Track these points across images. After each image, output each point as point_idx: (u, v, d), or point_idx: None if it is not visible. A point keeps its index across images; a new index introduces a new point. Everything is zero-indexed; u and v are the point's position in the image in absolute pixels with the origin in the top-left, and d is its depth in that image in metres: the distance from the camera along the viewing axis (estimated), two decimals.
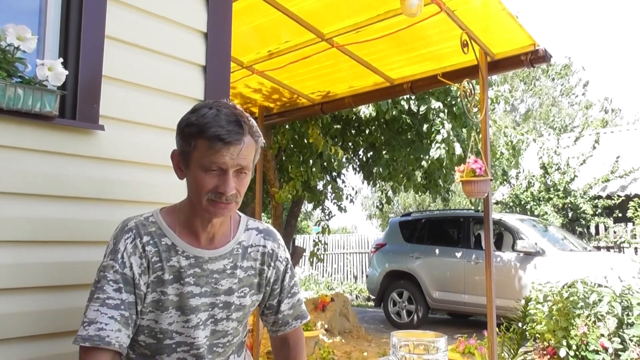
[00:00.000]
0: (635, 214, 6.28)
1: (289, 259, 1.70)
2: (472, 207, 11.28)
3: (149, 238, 1.46)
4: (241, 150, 1.40)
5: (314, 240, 8.09)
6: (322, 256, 7.93)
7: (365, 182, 8.95)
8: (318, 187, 7.92)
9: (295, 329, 1.71)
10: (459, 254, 8.24)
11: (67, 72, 1.69)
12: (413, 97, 6.57)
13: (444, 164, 6.78)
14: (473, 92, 4.13)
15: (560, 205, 11.72)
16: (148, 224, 1.48)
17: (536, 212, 11.70)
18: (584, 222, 11.59)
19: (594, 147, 12.26)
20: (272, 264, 1.63)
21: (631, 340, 4.40)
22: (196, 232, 1.50)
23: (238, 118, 1.42)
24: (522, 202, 12.27)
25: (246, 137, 1.42)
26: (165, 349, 1.48)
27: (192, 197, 1.46)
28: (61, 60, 1.69)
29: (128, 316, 1.40)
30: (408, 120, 7.08)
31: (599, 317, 4.60)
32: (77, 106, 1.79)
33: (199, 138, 1.39)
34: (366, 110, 6.46)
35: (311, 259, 7.78)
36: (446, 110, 6.67)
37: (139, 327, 1.46)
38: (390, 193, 9.43)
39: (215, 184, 1.40)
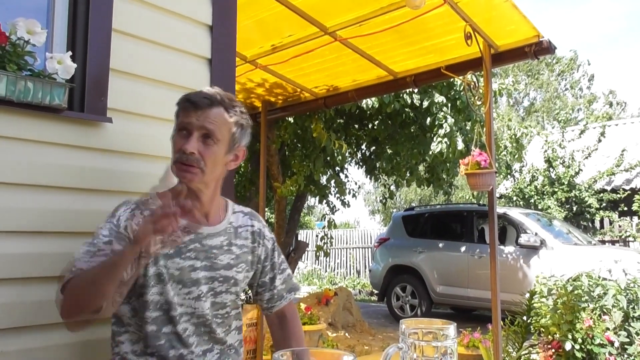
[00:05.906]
0: None
1: (274, 238, 1.79)
2: (475, 200, 11.28)
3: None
4: (208, 115, 1.50)
5: (316, 235, 8.11)
6: (328, 250, 7.95)
7: (368, 177, 8.94)
8: (321, 182, 7.93)
9: (289, 303, 1.81)
10: (462, 248, 8.24)
11: (75, 65, 1.70)
12: (416, 91, 6.56)
13: (445, 157, 6.78)
14: (477, 84, 4.12)
15: (564, 199, 11.69)
16: (148, 202, 1.52)
17: (540, 206, 11.67)
18: (588, 215, 11.55)
19: (599, 140, 12.16)
20: (261, 241, 1.72)
21: (637, 334, 4.38)
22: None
23: (216, 92, 1.55)
24: (526, 196, 12.25)
25: (217, 106, 1.52)
26: (171, 320, 1.52)
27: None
28: (70, 53, 1.71)
29: None
30: (411, 114, 7.08)
31: (605, 310, 4.58)
32: (85, 99, 1.81)
33: (179, 106, 1.55)
34: (369, 101, 6.46)
35: (318, 253, 7.79)
36: (449, 104, 6.66)
37: (146, 302, 1.50)
38: (393, 187, 9.42)
39: (181, 144, 1.49)
